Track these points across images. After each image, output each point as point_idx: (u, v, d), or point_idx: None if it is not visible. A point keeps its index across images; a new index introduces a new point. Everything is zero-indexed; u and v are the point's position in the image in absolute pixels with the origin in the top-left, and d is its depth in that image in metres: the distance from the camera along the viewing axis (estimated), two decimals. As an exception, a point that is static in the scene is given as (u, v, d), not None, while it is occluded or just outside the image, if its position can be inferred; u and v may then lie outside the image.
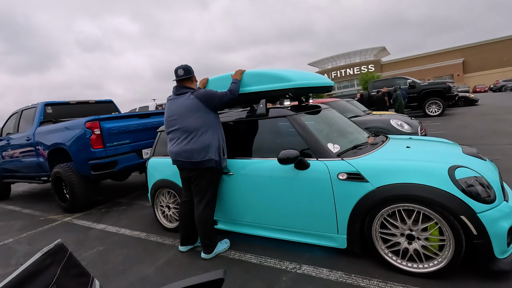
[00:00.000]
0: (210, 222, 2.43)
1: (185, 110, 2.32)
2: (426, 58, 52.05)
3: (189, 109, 2.31)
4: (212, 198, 2.45)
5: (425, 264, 1.82)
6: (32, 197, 6.04)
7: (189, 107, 2.31)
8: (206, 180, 2.38)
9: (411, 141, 2.60)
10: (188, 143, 2.31)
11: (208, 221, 2.41)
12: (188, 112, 2.31)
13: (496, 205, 1.70)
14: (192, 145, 2.30)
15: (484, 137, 6.38)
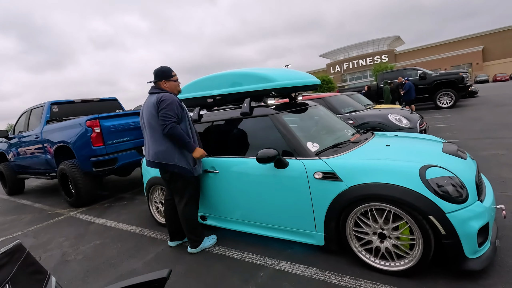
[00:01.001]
0: (192, 219, 2.51)
1: (147, 110, 2.37)
2: (443, 47, 50.08)
3: (149, 109, 2.35)
4: (192, 196, 2.50)
5: (396, 263, 1.84)
6: (44, 192, 6.36)
7: (150, 107, 2.35)
8: (181, 182, 2.43)
9: (395, 138, 2.58)
10: (153, 144, 2.37)
11: (190, 217, 2.49)
12: (149, 112, 2.35)
13: (467, 205, 1.69)
14: (158, 146, 2.34)
15: (493, 130, 6.16)
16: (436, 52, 49.50)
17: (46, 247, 3.14)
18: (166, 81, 2.43)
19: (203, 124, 2.91)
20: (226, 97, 2.81)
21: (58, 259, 2.82)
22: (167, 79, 2.43)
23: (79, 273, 2.48)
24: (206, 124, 2.89)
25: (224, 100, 2.87)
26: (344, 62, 59.55)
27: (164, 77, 2.42)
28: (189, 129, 2.41)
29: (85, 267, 2.58)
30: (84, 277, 2.41)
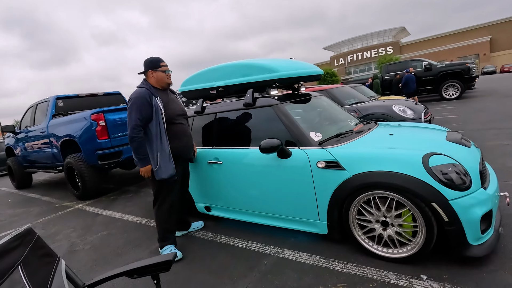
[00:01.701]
0: (162, 222, 2.40)
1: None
2: (450, 38, 49.15)
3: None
4: (162, 201, 2.36)
5: (399, 250, 1.86)
6: (51, 186, 6.46)
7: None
8: (152, 182, 2.36)
9: (398, 128, 2.57)
10: None
11: (159, 220, 2.40)
12: None
13: (470, 192, 1.69)
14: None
15: (499, 121, 6.09)
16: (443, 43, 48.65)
17: (54, 238, 3.22)
18: (153, 71, 2.28)
19: (206, 116, 2.93)
20: (229, 89, 2.81)
21: (66, 249, 2.89)
22: (154, 69, 2.28)
23: (87, 262, 2.54)
24: (209, 116, 2.90)
25: (227, 92, 2.88)
26: (348, 54, 58.86)
27: (151, 66, 2.28)
28: (158, 128, 2.20)
29: (92, 256, 2.64)
30: (92, 266, 2.46)
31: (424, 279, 1.68)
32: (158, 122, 2.20)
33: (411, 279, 1.70)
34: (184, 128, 2.45)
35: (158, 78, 2.30)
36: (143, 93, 2.18)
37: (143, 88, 2.23)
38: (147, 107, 2.17)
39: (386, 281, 1.72)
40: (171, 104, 2.35)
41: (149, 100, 2.17)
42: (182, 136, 2.40)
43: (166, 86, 2.38)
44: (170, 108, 2.31)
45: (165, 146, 2.22)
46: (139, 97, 2.16)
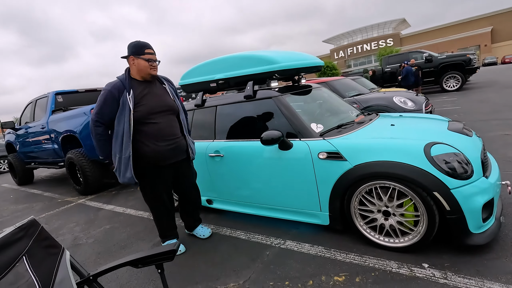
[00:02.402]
0: (156, 224, 2.37)
1: None
2: (450, 29, 48.68)
3: None
4: (150, 205, 2.29)
5: (401, 239, 1.87)
6: (53, 181, 6.48)
7: None
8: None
9: (399, 119, 2.57)
10: None
11: (155, 222, 2.36)
12: None
13: (472, 181, 1.69)
14: None
15: (500, 112, 6.07)
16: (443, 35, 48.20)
17: (58, 232, 3.24)
18: (134, 57, 1.97)
19: (207, 109, 2.92)
20: (229, 81, 2.80)
21: (70, 242, 2.91)
22: (136, 55, 1.97)
23: (91, 255, 2.56)
24: (210, 109, 2.89)
25: (227, 84, 2.86)
26: (348, 47, 58.39)
27: (133, 51, 1.97)
28: (122, 128, 1.94)
29: (96, 249, 2.66)
30: (96, 258, 2.48)
31: (426, 268, 1.69)
32: (122, 121, 1.93)
33: (413, 268, 1.71)
34: (162, 127, 2.05)
35: (140, 67, 1.99)
36: (112, 86, 1.94)
37: (116, 79, 2.00)
38: (111, 104, 1.93)
39: (388, 270, 1.73)
40: (149, 99, 2.01)
41: (116, 96, 1.92)
42: (159, 137, 2.04)
43: (149, 78, 2.06)
44: (144, 104, 1.98)
45: (126, 149, 1.94)
46: (106, 91, 1.94)
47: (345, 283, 1.68)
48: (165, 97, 2.13)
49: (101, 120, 1.97)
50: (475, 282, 1.52)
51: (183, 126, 2.25)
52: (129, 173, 1.96)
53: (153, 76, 2.07)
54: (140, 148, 2.00)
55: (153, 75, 2.05)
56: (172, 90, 2.23)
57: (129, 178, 1.97)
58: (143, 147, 2.00)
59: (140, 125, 1.98)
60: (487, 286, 1.48)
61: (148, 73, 2.02)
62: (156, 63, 2.04)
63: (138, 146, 1.99)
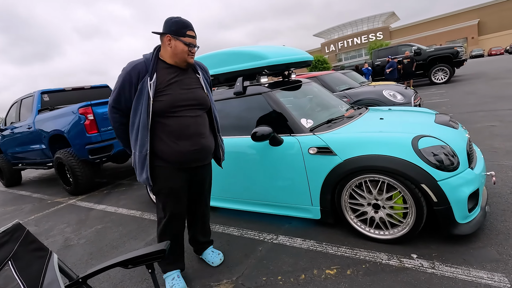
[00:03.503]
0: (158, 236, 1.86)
1: None
2: (439, 21, 49.26)
3: None
4: (159, 211, 1.81)
5: (390, 231, 1.91)
6: (42, 182, 6.36)
7: None
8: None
9: (388, 112, 2.60)
10: None
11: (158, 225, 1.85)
12: None
13: (458, 173, 1.73)
14: None
15: (487, 103, 6.20)
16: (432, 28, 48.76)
17: (48, 234, 3.19)
18: (172, 37, 1.58)
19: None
20: (218, 77, 2.78)
21: (61, 244, 2.87)
22: (175, 35, 1.58)
23: (83, 256, 2.53)
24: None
25: (217, 81, 2.84)
26: (339, 41, 58.55)
27: (172, 30, 1.58)
28: (138, 119, 1.60)
29: (88, 250, 2.63)
30: (88, 259, 2.46)
31: (415, 258, 1.73)
32: (139, 112, 1.59)
33: (402, 259, 1.75)
34: (187, 124, 1.65)
35: (177, 50, 1.60)
36: (132, 68, 1.59)
37: (141, 59, 1.64)
38: (128, 89, 1.59)
39: (378, 261, 1.76)
40: (175, 89, 1.63)
41: (134, 80, 1.58)
42: (182, 135, 1.64)
43: (184, 66, 1.68)
44: (169, 94, 1.60)
45: (142, 146, 1.60)
46: (124, 72, 1.60)
47: (336, 276, 1.70)
48: (196, 89, 1.72)
49: (117, 106, 1.66)
50: (462, 270, 1.57)
51: (214, 124, 1.86)
52: (145, 173, 1.63)
53: (189, 64, 1.68)
54: (157, 145, 1.64)
55: (189, 63, 1.67)
56: (207, 81, 1.85)
57: (144, 180, 1.65)
58: (161, 144, 1.64)
59: (161, 117, 1.61)
60: (473, 274, 1.53)
61: (184, 59, 1.64)
62: (195, 49, 1.67)
63: (156, 142, 1.64)
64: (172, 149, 1.64)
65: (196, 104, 1.70)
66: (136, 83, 1.58)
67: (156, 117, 1.60)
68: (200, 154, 1.74)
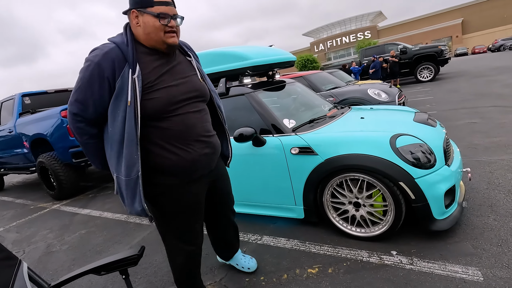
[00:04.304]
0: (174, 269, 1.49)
1: None
2: (424, 21, 50.26)
3: None
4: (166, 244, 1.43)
5: (371, 229, 1.94)
6: (25, 187, 6.20)
7: None
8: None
9: (370, 111, 2.63)
10: None
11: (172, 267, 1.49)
12: None
13: (435, 170, 1.77)
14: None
15: (469, 100, 6.36)
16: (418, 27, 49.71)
17: (30, 241, 3.11)
18: (138, 11, 1.16)
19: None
20: (202, 78, 2.76)
21: (43, 250, 2.81)
22: (141, 8, 1.15)
23: (65, 262, 2.48)
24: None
25: (200, 82, 2.83)
26: (328, 40, 59.04)
27: (135, 3, 1.16)
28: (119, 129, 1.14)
29: (71, 256, 2.58)
30: (70, 265, 2.41)
31: (394, 255, 1.77)
32: (119, 118, 1.13)
33: (382, 256, 1.78)
34: (191, 123, 1.26)
35: (147, 28, 1.16)
36: (102, 57, 1.11)
37: (110, 44, 1.15)
38: (99, 88, 1.12)
39: (359, 259, 1.79)
40: (168, 79, 1.21)
41: (108, 73, 1.11)
42: (190, 138, 1.25)
43: (164, 49, 1.21)
44: (163, 89, 1.18)
45: (130, 166, 1.14)
46: (91, 63, 1.11)
47: (318, 275, 1.72)
48: (193, 77, 1.31)
49: (82, 113, 1.16)
50: (438, 265, 1.61)
51: (219, 116, 1.51)
52: (138, 204, 1.17)
53: (170, 46, 1.21)
54: (155, 158, 1.22)
55: (169, 44, 1.19)
56: (199, 65, 1.43)
57: (138, 212, 1.19)
58: (161, 155, 1.21)
59: (156, 121, 1.19)
60: (449, 268, 1.57)
61: (161, 40, 1.17)
62: (175, 21, 1.19)
63: (152, 154, 1.21)
64: (178, 158, 1.22)
65: (196, 96, 1.30)
66: (112, 79, 1.12)
67: (149, 121, 1.17)
68: (213, 157, 1.37)
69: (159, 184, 1.25)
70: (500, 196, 2.20)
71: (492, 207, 2.08)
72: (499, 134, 3.66)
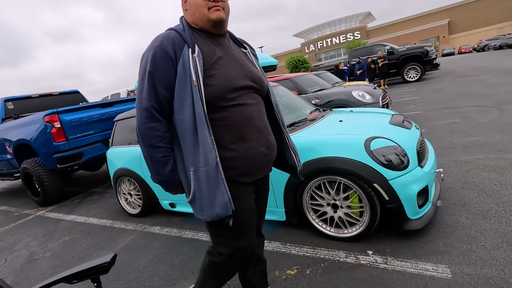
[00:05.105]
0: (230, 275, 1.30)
1: None
2: (412, 21, 51.19)
3: None
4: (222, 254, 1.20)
5: (349, 230, 1.98)
6: (10, 194, 6.08)
7: None
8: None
9: (349, 114, 2.69)
10: None
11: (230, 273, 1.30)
12: None
13: (408, 171, 1.83)
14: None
15: (452, 100, 6.52)
16: (406, 27, 50.60)
17: (12, 249, 3.07)
18: None
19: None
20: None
21: (25, 258, 2.77)
22: None
23: (47, 270, 2.46)
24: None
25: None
26: (318, 41, 59.54)
27: None
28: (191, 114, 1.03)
29: (53, 263, 2.56)
30: (52, 273, 2.39)
31: (370, 255, 1.82)
32: (188, 102, 1.04)
33: (359, 256, 1.83)
34: (251, 115, 1.13)
35: (192, 7, 1.11)
36: (164, 38, 1.06)
37: (170, 29, 1.12)
38: (166, 70, 1.05)
39: (337, 259, 1.83)
40: (226, 65, 1.11)
41: (171, 53, 1.05)
42: (250, 131, 1.12)
43: (210, 28, 1.12)
44: (221, 72, 1.08)
45: (207, 153, 1.03)
46: (153, 49, 1.05)
47: (296, 276, 1.76)
48: (250, 66, 1.20)
49: (154, 103, 1.05)
50: (411, 264, 1.66)
51: (276, 116, 1.33)
52: (221, 196, 1.03)
53: (217, 23, 1.11)
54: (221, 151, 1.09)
55: (214, 20, 1.09)
56: (256, 60, 1.33)
57: (224, 206, 1.04)
58: (230, 146, 1.10)
59: (213, 110, 1.07)
60: (420, 267, 1.63)
61: (206, 17, 1.09)
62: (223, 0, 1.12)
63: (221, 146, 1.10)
64: (238, 154, 1.10)
65: (254, 87, 1.17)
66: (175, 59, 1.05)
67: (212, 108, 1.06)
68: (271, 157, 1.22)
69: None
70: (473, 195, 2.29)
71: (465, 206, 2.15)
72: (477, 133, 3.78)
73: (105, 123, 4.49)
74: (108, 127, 4.51)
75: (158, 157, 1.11)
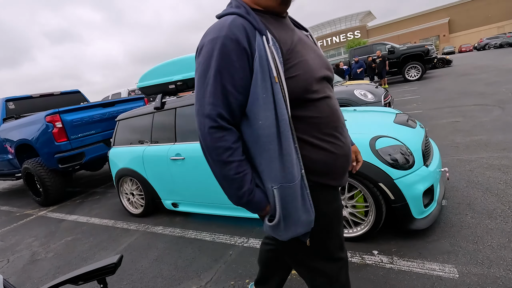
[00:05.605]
0: None
1: None
2: (413, 20, 51.08)
3: None
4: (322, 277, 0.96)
5: (354, 229, 1.97)
6: (12, 194, 6.08)
7: None
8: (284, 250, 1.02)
9: (353, 113, 2.68)
10: None
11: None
12: None
13: (413, 171, 1.82)
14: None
15: (453, 99, 6.50)
16: (406, 26, 50.50)
17: (14, 249, 3.06)
18: None
19: (166, 112, 2.86)
20: (187, 82, 2.77)
21: (27, 259, 2.76)
22: None
23: (50, 271, 2.45)
24: (169, 111, 2.84)
25: (186, 86, 2.83)
26: (318, 40, 59.46)
27: None
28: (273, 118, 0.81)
29: (56, 264, 2.55)
30: (55, 273, 2.38)
31: (376, 254, 1.81)
32: (269, 104, 0.81)
33: (364, 255, 1.81)
34: (336, 108, 0.96)
35: None
36: (228, 28, 0.80)
37: (231, 14, 0.85)
38: (239, 68, 0.80)
39: (342, 259, 1.82)
40: (304, 51, 0.91)
41: (245, 45, 0.80)
42: (337, 128, 0.94)
43: (277, 5, 0.88)
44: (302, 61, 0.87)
45: (293, 165, 0.83)
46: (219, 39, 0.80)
47: (301, 276, 1.75)
48: (321, 52, 1.02)
49: (226, 112, 0.82)
50: (417, 264, 1.65)
51: None
52: (306, 213, 0.86)
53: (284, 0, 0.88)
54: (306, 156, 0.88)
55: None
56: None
57: (307, 223, 0.87)
58: (306, 150, 0.88)
59: (296, 106, 0.87)
60: (427, 266, 1.62)
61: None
62: None
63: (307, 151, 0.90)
64: (328, 154, 0.91)
65: (330, 77, 0.98)
66: (250, 50, 0.81)
67: (296, 106, 0.87)
68: (349, 158, 1.00)
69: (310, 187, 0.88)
70: (478, 194, 2.27)
71: (470, 205, 2.14)
72: (480, 132, 3.77)
73: (107, 123, 4.48)
74: (110, 126, 4.50)
75: (232, 175, 0.85)
